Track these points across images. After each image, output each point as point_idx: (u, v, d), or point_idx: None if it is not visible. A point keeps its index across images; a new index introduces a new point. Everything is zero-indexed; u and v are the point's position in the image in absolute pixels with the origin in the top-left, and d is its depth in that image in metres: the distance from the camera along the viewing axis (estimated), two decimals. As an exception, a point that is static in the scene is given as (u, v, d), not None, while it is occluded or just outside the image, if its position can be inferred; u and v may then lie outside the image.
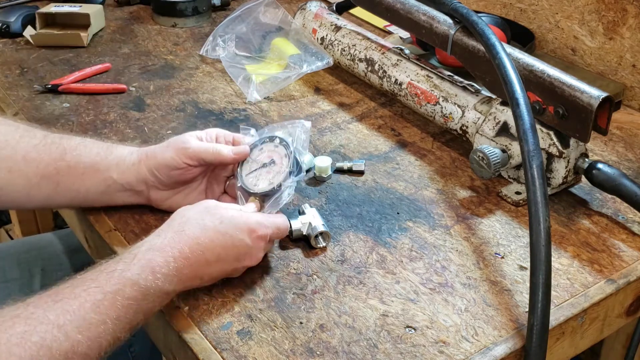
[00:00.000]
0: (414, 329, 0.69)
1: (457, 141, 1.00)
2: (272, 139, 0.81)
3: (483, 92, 0.96)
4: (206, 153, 0.78)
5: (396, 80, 1.04)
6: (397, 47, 1.08)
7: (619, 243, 0.82)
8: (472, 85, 0.97)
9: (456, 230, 0.83)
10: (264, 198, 0.78)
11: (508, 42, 1.10)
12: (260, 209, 0.77)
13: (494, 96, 0.93)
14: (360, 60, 1.11)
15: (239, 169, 0.81)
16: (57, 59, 1.21)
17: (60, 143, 0.81)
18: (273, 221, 0.74)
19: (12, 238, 1.80)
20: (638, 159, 0.98)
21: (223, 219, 0.70)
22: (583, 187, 0.91)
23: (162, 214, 0.83)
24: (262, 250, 0.73)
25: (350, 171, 0.93)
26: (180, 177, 0.80)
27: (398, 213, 0.86)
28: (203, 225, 0.69)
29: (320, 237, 0.79)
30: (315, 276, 0.76)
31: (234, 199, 0.81)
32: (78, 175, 0.79)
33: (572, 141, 0.86)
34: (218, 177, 0.83)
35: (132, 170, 0.79)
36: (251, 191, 0.78)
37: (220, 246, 0.69)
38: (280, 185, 0.77)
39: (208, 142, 0.80)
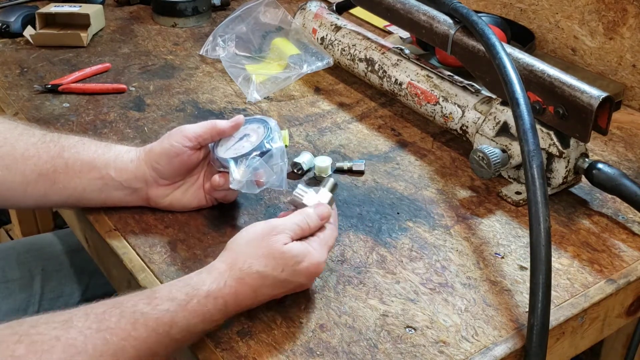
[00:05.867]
0: (414, 329, 0.69)
1: (457, 141, 1.00)
2: (247, 121, 0.83)
3: (483, 92, 0.96)
4: (203, 129, 0.79)
5: (396, 80, 1.04)
6: (397, 47, 1.08)
7: (619, 243, 0.82)
8: (472, 85, 0.97)
9: (456, 230, 0.83)
10: (244, 160, 0.78)
11: (508, 42, 1.10)
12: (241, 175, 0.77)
13: (494, 96, 0.93)
14: (360, 60, 1.11)
15: (214, 152, 0.81)
16: (57, 59, 1.21)
17: (59, 141, 0.81)
18: (328, 246, 0.71)
19: (12, 238, 1.80)
20: (638, 159, 0.98)
21: (286, 267, 0.67)
22: (583, 187, 0.91)
23: (163, 213, 0.83)
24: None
25: (350, 171, 0.93)
26: (183, 165, 0.80)
27: (398, 213, 0.86)
28: (265, 274, 0.66)
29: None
30: (315, 276, 0.75)
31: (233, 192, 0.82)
32: (75, 173, 0.79)
33: (572, 141, 0.86)
34: (214, 172, 0.83)
35: (131, 167, 0.79)
36: (233, 157, 0.78)
37: (276, 290, 0.68)
38: (260, 144, 0.78)
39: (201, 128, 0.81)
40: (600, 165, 0.85)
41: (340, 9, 1.24)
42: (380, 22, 1.35)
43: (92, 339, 0.59)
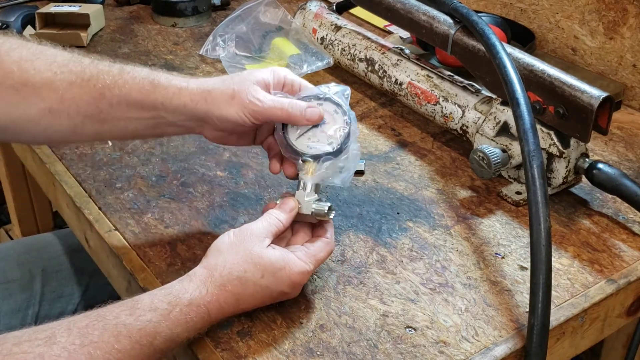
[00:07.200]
0: (414, 329, 0.69)
1: (457, 141, 1.00)
2: (318, 97, 0.76)
3: (483, 92, 0.96)
4: (275, 114, 0.73)
5: (396, 80, 1.04)
6: (397, 47, 1.08)
7: (619, 243, 0.82)
8: (472, 85, 0.97)
9: (456, 230, 0.83)
10: (319, 160, 0.73)
11: (508, 42, 1.10)
12: (314, 173, 0.73)
13: (494, 96, 0.93)
14: (360, 60, 1.11)
15: (283, 133, 0.75)
16: (57, 59, 1.21)
17: (98, 79, 0.75)
18: (316, 259, 0.71)
19: (12, 238, 1.80)
20: (638, 159, 0.98)
21: (265, 272, 0.67)
22: (583, 187, 0.91)
23: (162, 213, 0.83)
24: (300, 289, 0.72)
25: (350, 171, 0.93)
26: (243, 130, 0.77)
27: (398, 213, 0.86)
28: (245, 280, 0.67)
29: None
30: (315, 276, 0.75)
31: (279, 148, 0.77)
32: (122, 114, 0.75)
33: (573, 141, 0.86)
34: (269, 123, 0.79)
35: (185, 110, 0.74)
36: (307, 154, 0.73)
37: (258, 298, 0.68)
38: (341, 146, 0.73)
39: (275, 87, 0.75)
40: (600, 165, 0.85)
41: (340, 9, 1.24)
42: (380, 22, 1.35)
43: (76, 355, 0.59)
